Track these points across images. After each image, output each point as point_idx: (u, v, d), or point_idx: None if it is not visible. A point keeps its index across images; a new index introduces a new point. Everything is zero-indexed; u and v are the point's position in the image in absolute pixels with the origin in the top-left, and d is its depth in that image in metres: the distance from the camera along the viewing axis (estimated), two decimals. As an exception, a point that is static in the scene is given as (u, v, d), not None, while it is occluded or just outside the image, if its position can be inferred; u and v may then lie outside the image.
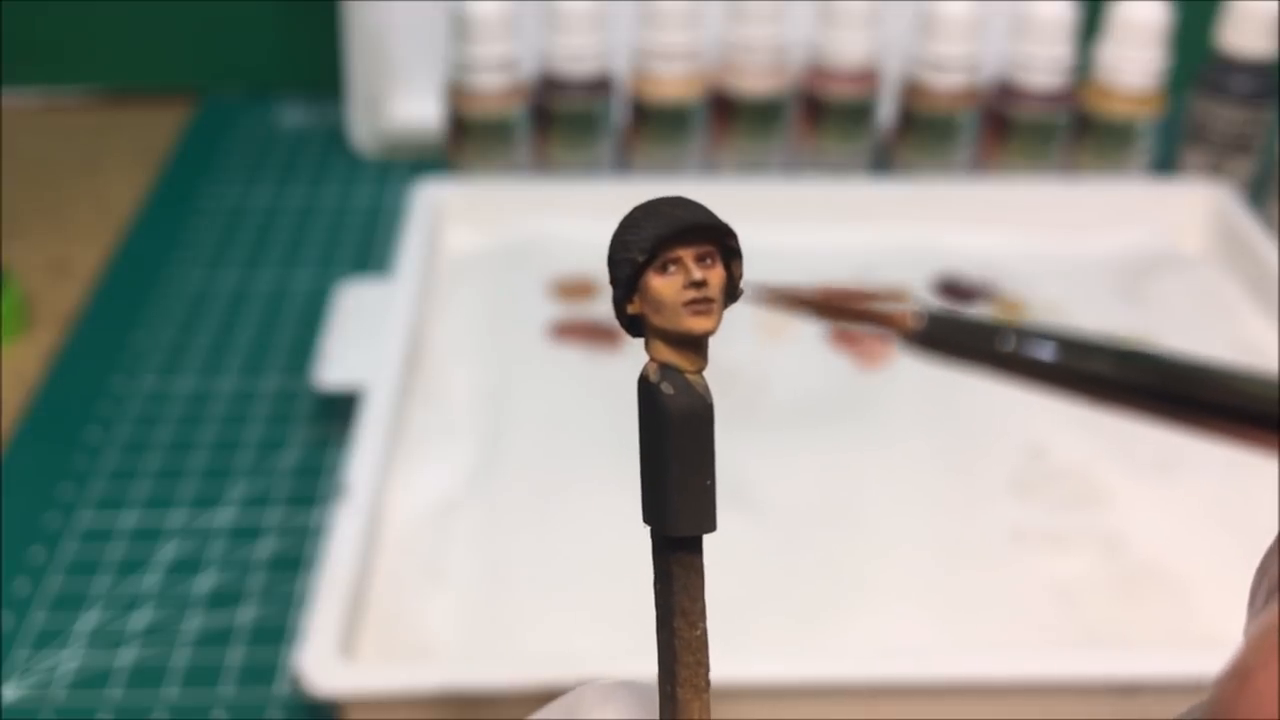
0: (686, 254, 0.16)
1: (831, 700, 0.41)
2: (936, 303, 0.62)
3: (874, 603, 0.46)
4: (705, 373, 0.17)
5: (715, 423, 0.16)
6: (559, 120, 0.69)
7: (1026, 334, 0.13)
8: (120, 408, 0.59)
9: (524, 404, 0.55)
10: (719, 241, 0.16)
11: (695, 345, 0.16)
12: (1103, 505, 0.51)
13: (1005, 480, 0.52)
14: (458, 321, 0.60)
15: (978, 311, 0.62)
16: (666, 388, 0.16)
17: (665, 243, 0.16)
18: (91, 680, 0.46)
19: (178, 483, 0.54)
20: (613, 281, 0.16)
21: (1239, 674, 0.12)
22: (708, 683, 0.17)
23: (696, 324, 0.16)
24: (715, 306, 0.16)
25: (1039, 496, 0.51)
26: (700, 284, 0.16)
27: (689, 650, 0.17)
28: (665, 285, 0.16)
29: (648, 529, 0.17)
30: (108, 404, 0.59)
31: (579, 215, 0.64)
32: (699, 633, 0.17)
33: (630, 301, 0.16)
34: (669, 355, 0.16)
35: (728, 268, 0.16)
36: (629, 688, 0.18)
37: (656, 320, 0.16)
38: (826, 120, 0.71)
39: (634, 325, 0.16)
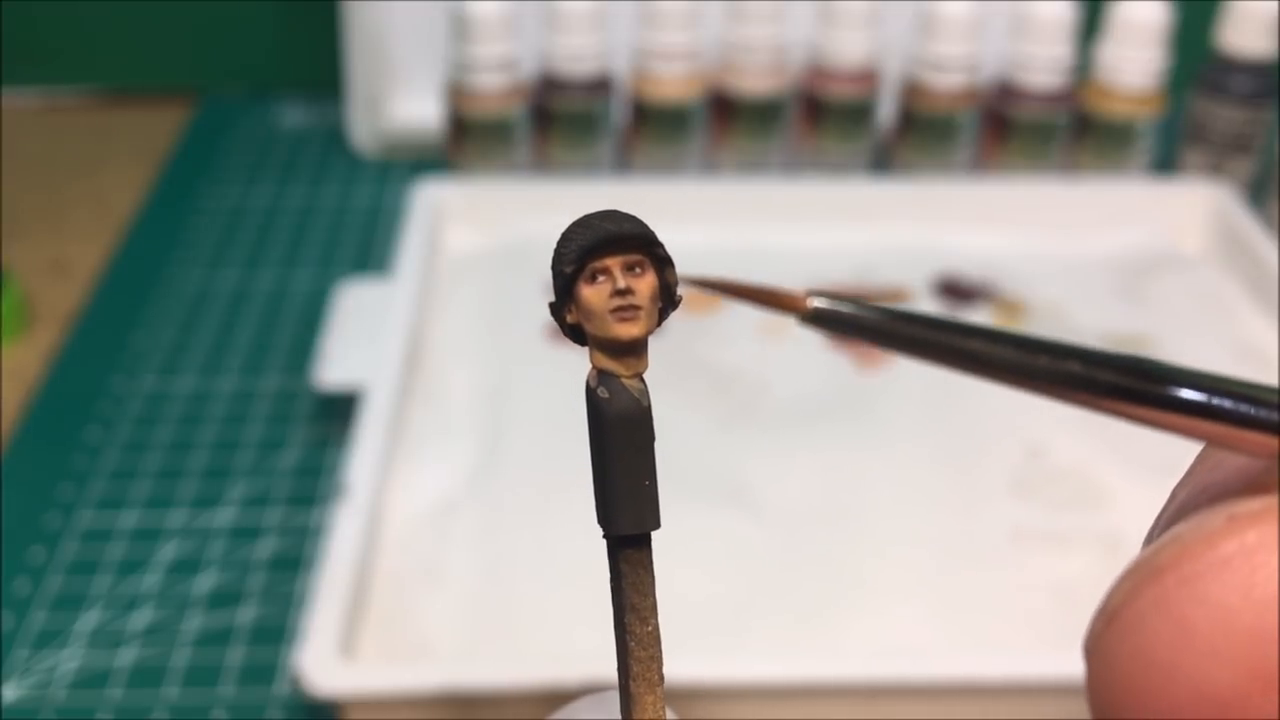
0: (614, 263, 0.16)
1: (831, 700, 0.41)
2: (934, 303, 0.62)
3: (874, 603, 0.46)
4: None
5: (654, 424, 0.17)
6: (559, 120, 0.69)
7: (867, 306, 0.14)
8: (120, 408, 0.59)
9: (524, 404, 0.55)
10: (648, 251, 0.17)
11: (631, 351, 0.17)
12: (1103, 505, 0.51)
13: (1005, 480, 0.52)
14: (458, 321, 0.60)
15: (976, 312, 0.62)
16: (603, 392, 0.17)
17: (591, 253, 0.16)
18: (91, 680, 0.46)
19: (178, 483, 0.54)
20: (554, 292, 0.17)
21: (1105, 614, 0.13)
22: (661, 677, 0.18)
23: (623, 330, 0.16)
24: (642, 313, 0.17)
25: (1039, 496, 0.51)
26: (626, 292, 0.16)
27: (641, 646, 0.18)
28: (593, 294, 0.16)
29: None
30: (108, 404, 0.59)
31: (579, 215, 0.63)
32: (650, 628, 0.18)
33: (568, 311, 0.17)
34: (606, 362, 0.17)
35: (662, 276, 0.17)
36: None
37: (590, 328, 0.17)
38: (826, 120, 0.71)
39: (577, 334, 0.17)
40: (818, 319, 0.14)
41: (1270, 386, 0.13)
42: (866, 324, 0.14)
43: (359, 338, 0.56)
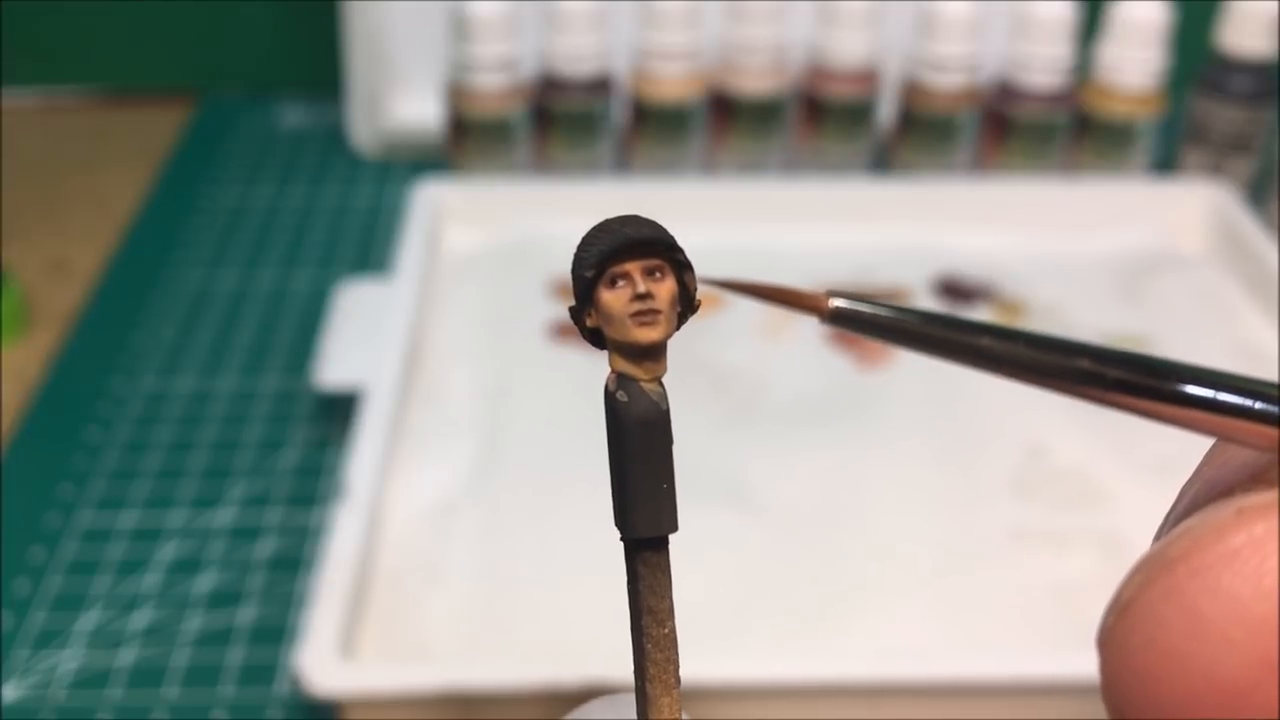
0: (634, 268, 0.17)
1: (831, 700, 0.41)
2: (934, 303, 0.62)
3: (874, 603, 0.46)
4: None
5: (672, 428, 0.17)
6: (559, 120, 0.69)
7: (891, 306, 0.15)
8: (120, 408, 0.59)
9: (524, 404, 0.55)
10: (668, 256, 0.17)
11: (650, 355, 0.17)
12: (1103, 505, 0.51)
13: (1005, 480, 0.52)
14: (458, 321, 0.60)
15: (976, 312, 0.62)
16: (622, 396, 0.17)
17: (612, 258, 0.17)
18: (91, 680, 0.46)
19: (178, 483, 0.54)
20: (574, 297, 0.17)
21: (1117, 606, 0.13)
22: (678, 679, 0.18)
23: (642, 334, 0.17)
24: (662, 317, 0.17)
25: (1039, 496, 0.51)
26: (645, 296, 0.16)
27: (658, 648, 0.18)
28: (613, 299, 0.17)
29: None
30: (108, 404, 0.59)
31: (579, 215, 0.63)
32: (667, 631, 0.18)
33: (588, 315, 0.17)
34: (625, 365, 0.17)
35: (681, 281, 0.17)
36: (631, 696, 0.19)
37: (609, 332, 0.17)
38: (826, 120, 0.71)
39: (596, 338, 0.17)
40: (838, 319, 0.15)
41: (1272, 381, 0.14)
42: (883, 323, 0.15)
43: (359, 338, 0.56)
